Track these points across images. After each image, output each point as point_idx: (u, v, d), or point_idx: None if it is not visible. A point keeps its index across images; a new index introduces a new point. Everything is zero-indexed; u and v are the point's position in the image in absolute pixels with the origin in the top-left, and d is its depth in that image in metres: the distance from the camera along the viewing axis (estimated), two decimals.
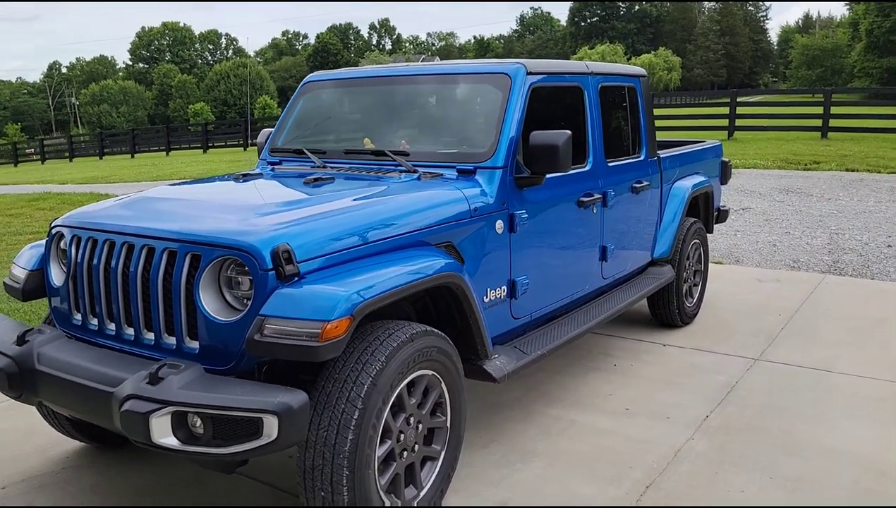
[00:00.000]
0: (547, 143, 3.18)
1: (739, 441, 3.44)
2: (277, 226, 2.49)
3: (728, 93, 19.87)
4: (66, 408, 2.61)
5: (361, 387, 2.36)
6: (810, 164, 13.49)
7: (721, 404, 3.86)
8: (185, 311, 2.47)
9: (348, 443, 2.32)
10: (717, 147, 5.83)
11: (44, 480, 3.20)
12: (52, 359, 2.58)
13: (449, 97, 3.68)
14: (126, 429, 2.27)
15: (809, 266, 6.79)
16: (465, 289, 2.84)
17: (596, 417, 3.73)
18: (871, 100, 30.12)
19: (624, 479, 3.12)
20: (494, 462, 3.28)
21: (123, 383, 2.31)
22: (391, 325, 2.58)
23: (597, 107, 3.99)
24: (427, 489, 2.74)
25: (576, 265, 3.88)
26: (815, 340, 4.80)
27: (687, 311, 5.12)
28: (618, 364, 4.46)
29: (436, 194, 3.05)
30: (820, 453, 3.30)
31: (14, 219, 11.59)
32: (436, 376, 2.73)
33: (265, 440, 2.18)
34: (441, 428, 2.83)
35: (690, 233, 5.06)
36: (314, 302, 2.30)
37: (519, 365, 3.21)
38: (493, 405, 3.87)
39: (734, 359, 4.50)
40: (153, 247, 2.55)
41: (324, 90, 4.13)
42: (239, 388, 2.25)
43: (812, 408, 3.78)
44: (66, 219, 2.92)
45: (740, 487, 3.04)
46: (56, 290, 2.91)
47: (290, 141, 4.02)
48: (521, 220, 3.33)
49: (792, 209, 9.55)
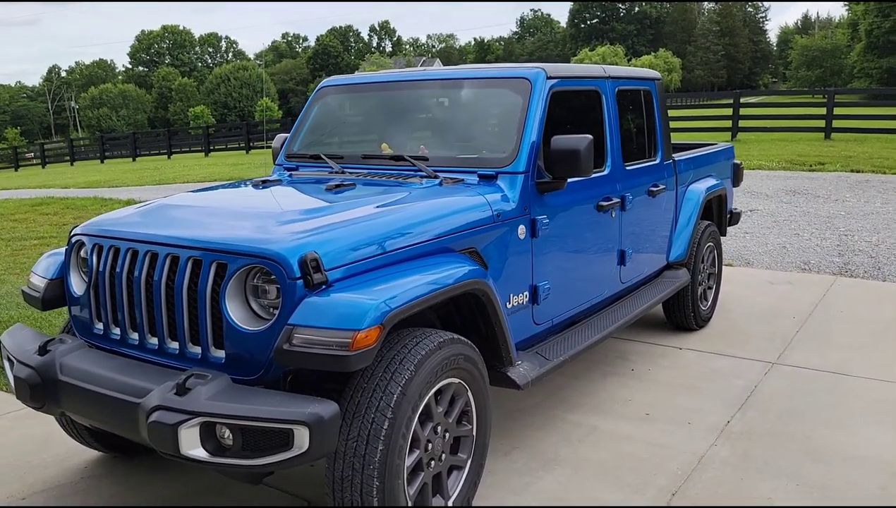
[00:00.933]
0: (569, 148, 3.16)
1: (762, 447, 3.41)
2: (304, 233, 2.47)
3: (731, 94, 19.86)
4: (89, 419, 2.58)
5: (391, 397, 2.34)
6: (815, 165, 13.46)
7: (741, 409, 3.83)
8: (211, 321, 2.45)
9: (378, 454, 2.30)
10: (729, 149, 5.81)
11: (63, 490, 3.17)
12: (75, 370, 2.55)
13: (468, 102, 3.66)
14: (153, 441, 2.24)
15: (820, 268, 6.76)
16: (491, 296, 2.81)
17: (616, 423, 3.70)
18: (873, 100, 30.12)
19: (649, 487, 3.09)
20: (517, 470, 3.25)
21: (150, 394, 2.28)
22: (419, 333, 2.55)
23: (614, 110, 3.97)
24: (454, 498, 2.72)
25: (595, 269, 3.86)
26: (830, 343, 4.77)
27: (702, 314, 5.10)
28: (635, 368, 4.44)
29: (459, 200, 3.02)
30: (844, 459, 3.28)
31: (18, 225, 11.55)
32: (462, 384, 2.71)
33: (296, 451, 2.15)
34: (467, 437, 2.80)
35: (705, 236, 5.04)
36: (344, 311, 2.27)
37: (542, 371, 3.19)
38: (513, 411, 3.84)
39: (751, 363, 4.47)
40: (177, 255, 2.52)
41: (339, 95, 4.11)
42: (268, 399, 2.22)
43: (832, 413, 3.75)
44: (87, 227, 2.89)
45: (767, 494, 3.01)
46: (77, 299, 2.89)
47: (306, 146, 3.99)
48: (542, 225, 3.30)
49: (800, 210, 9.53)
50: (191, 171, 20.81)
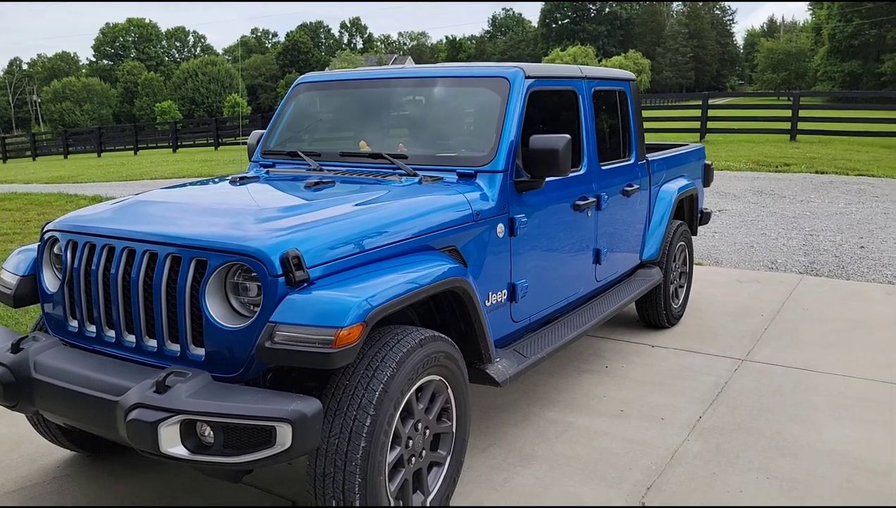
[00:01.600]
0: (547, 147, 3.19)
1: (733, 442, 3.48)
2: (285, 231, 2.46)
3: (699, 96, 20.17)
4: (65, 418, 2.54)
5: (373, 394, 2.34)
6: (781, 166, 13.76)
7: (713, 405, 3.91)
8: (191, 318, 2.43)
9: (360, 451, 2.30)
10: (700, 150, 5.91)
11: (34, 491, 3.11)
12: (49, 368, 2.51)
13: (446, 100, 3.67)
14: (132, 439, 2.21)
15: (787, 267, 6.92)
16: (471, 294, 2.83)
17: (591, 419, 3.75)
18: (836, 103, 30.84)
19: (624, 481, 3.14)
20: (495, 466, 3.28)
21: (128, 392, 2.26)
22: (400, 331, 2.56)
23: (590, 110, 4.02)
24: (434, 494, 2.73)
25: (571, 268, 3.90)
26: (797, 341, 4.89)
27: (673, 312, 5.18)
28: (609, 365, 4.50)
29: (439, 198, 3.04)
30: (812, 453, 3.37)
31: None
32: (443, 381, 2.72)
33: (278, 448, 2.15)
34: (447, 433, 2.82)
35: (677, 236, 5.12)
36: (326, 309, 2.27)
37: (520, 368, 3.22)
38: (490, 408, 3.87)
39: (721, 360, 4.56)
40: (156, 252, 2.49)
41: (316, 92, 4.09)
42: (250, 396, 2.21)
43: (799, 408, 3.85)
44: (61, 223, 2.84)
45: (738, 487, 3.08)
46: (50, 296, 2.84)
47: (282, 143, 3.97)
48: (520, 224, 3.33)
49: (767, 211, 9.73)
50: (159, 167, 20.49)
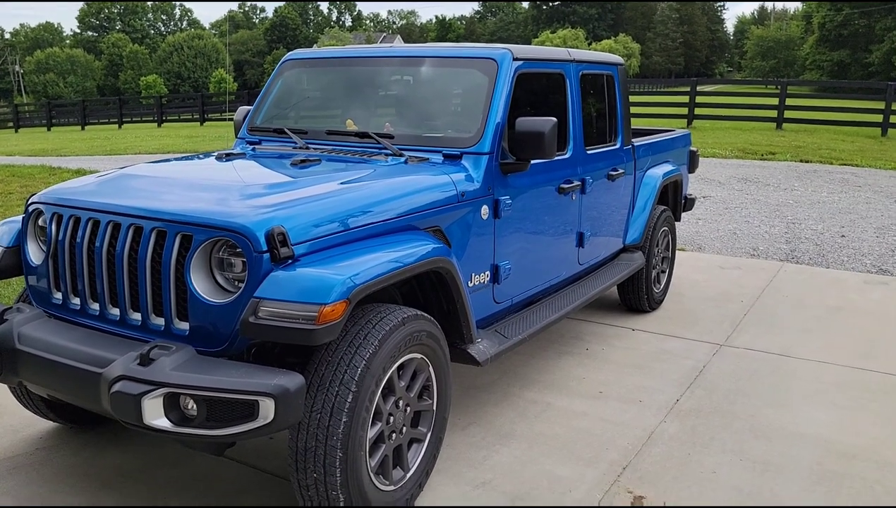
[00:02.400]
0: (533, 130, 3.21)
1: (709, 425, 3.56)
2: (271, 207, 2.47)
3: (688, 82, 20.23)
4: (48, 389, 2.55)
5: (355, 370, 2.37)
6: (766, 155, 13.86)
7: (690, 388, 3.98)
8: (175, 293, 2.44)
9: (342, 426, 2.34)
10: (686, 136, 5.95)
11: (17, 462, 3.13)
12: (33, 339, 2.52)
13: (434, 80, 3.67)
14: (116, 411, 2.24)
15: (768, 254, 7.01)
16: (455, 274, 2.87)
17: (570, 400, 3.81)
18: (823, 92, 31.03)
19: (600, 461, 3.21)
20: (475, 444, 3.33)
21: (112, 364, 2.28)
22: (383, 309, 2.59)
23: (577, 94, 4.04)
24: (413, 470, 2.78)
25: (555, 251, 3.94)
26: (776, 326, 4.98)
27: (655, 297, 5.25)
28: (590, 348, 4.56)
29: (424, 178, 3.05)
30: (785, 436, 3.45)
31: None
32: (424, 359, 2.76)
33: (261, 422, 2.18)
34: (427, 411, 2.86)
35: (660, 221, 5.17)
36: (310, 286, 2.29)
37: (501, 348, 3.26)
38: (471, 387, 3.92)
39: (701, 345, 4.64)
40: (141, 226, 2.50)
41: (304, 69, 4.08)
42: (233, 370, 2.24)
43: (775, 393, 3.93)
44: (45, 195, 2.83)
45: (712, 468, 3.16)
46: (34, 269, 2.84)
47: (269, 120, 3.96)
48: (505, 206, 3.36)
49: (750, 198, 9.82)
50: (143, 142, 20.28)
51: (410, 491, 2.75)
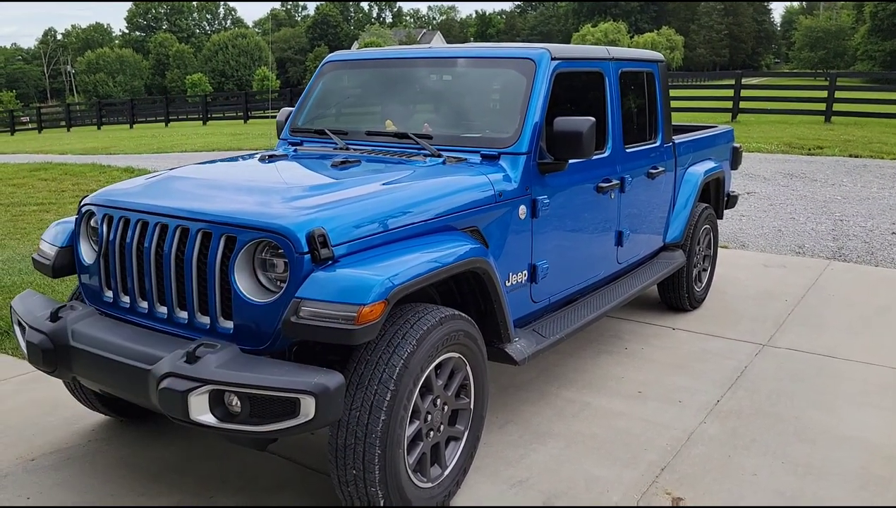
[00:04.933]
0: (571, 130, 3.21)
1: (750, 426, 3.51)
2: (312, 209, 2.53)
3: (732, 75, 19.80)
4: (100, 384, 2.66)
5: (394, 370, 2.42)
6: (814, 149, 13.50)
7: (731, 388, 3.93)
8: (220, 292, 2.51)
9: (380, 423, 2.38)
10: (729, 132, 5.85)
11: (71, 453, 3.26)
12: (86, 336, 2.63)
13: (472, 81, 3.70)
14: (163, 406, 2.32)
15: (814, 252, 6.85)
16: (492, 274, 2.89)
17: (609, 400, 3.80)
18: (875, 84, 30.05)
19: (639, 462, 3.20)
20: (512, 443, 3.35)
21: (160, 361, 2.36)
22: (421, 309, 2.63)
23: (616, 92, 4.01)
24: (451, 468, 2.81)
25: (593, 250, 3.93)
26: (821, 326, 4.87)
27: (696, 296, 5.19)
28: (629, 347, 4.53)
29: (462, 179, 3.08)
30: (829, 439, 3.38)
31: (17, 190, 11.56)
32: (462, 359, 2.79)
33: (302, 419, 2.24)
34: (465, 410, 2.89)
35: (702, 219, 5.11)
36: (350, 286, 2.34)
37: (539, 348, 3.27)
38: (508, 387, 3.94)
39: (743, 345, 4.57)
40: (187, 227, 2.58)
41: (344, 70, 4.14)
42: (275, 368, 2.30)
43: (820, 394, 3.86)
44: (97, 197, 2.94)
45: (752, 471, 3.12)
46: (86, 268, 2.95)
47: (310, 121, 4.03)
48: (543, 206, 3.37)
49: (797, 194, 9.60)
50: (189, 140, 20.74)
51: (448, 489, 2.78)
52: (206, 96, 31.95)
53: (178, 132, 25.31)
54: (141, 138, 23.06)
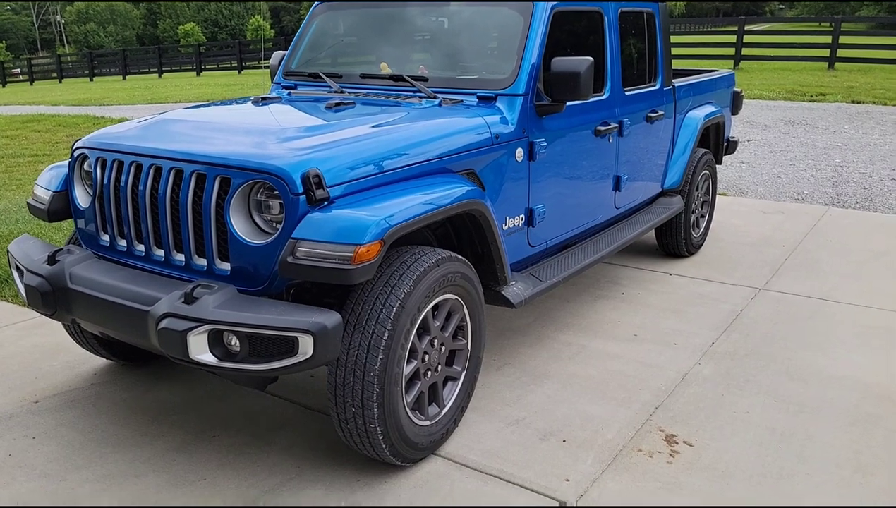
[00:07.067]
0: (569, 70, 3.16)
1: (744, 367, 3.56)
2: (306, 150, 2.50)
3: (735, 21, 19.42)
4: (99, 326, 2.67)
5: (391, 310, 2.43)
6: (816, 96, 13.36)
7: (726, 331, 3.97)
8: (216, 234, 2.51)
9: (378, 362, 2.41)
10: (730, 76, 5.77)
11: (74, 395, 3.31)
12: (84, 279, 2.63)
13: (468, 21, 3.62)
14: (164, 346, 2.34)
15: (813, 198, 6.84)
16: (488, 217, 2.88)
17: (605, 343, 3.84)
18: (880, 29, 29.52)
19: (633, 401, 3.25)
20: (508, 384, 3.40)
21: (159, 302, 2.37)
22: (417, 250, 2.63)
23: (616, 33, 3.94)
24: (448, 407, 2.86)
25: (590, 194, 3.91)
26: (817, 271, 4.89)
27: (693, 242, 5.19)
28: (626, 292, 4.56)
29: (458, 121, 3.04)
30: (822, 378, 3.43)
31: (11, 141, 11.46)
32: (458, 300, 2.81)
33: (300, 357, 2.26)
34: (462, 350, 2.92)
35: (700, 164, 5.08)
36: (346, 226, 2.33)
37: (535, 291, 3.29)
38: (506, 330, 3.97)
39: (739, 289, 4.60)
40: (181, 169, 2.56)
41: (337, 12, 4.05)
42: (273, 308, 2.31)
43: (814, 336, 3.90)
44: (90, 140, 2.91)
45: (745, 409, 3.17)
46: (82, 212, 2.94)
47: (304, 64, 3.97)
48: (540, 148, 3.34)
49: (797, 141, 9.53)
50: (183, 91, 20.46)
51: (446, 427, 2.83)
52: (200, 46, 31.32)
53: (171, 83, 24.96)
54: (134, 89, 22.74)
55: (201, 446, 2.90)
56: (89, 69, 32.49)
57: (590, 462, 2.78)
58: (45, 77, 35.05)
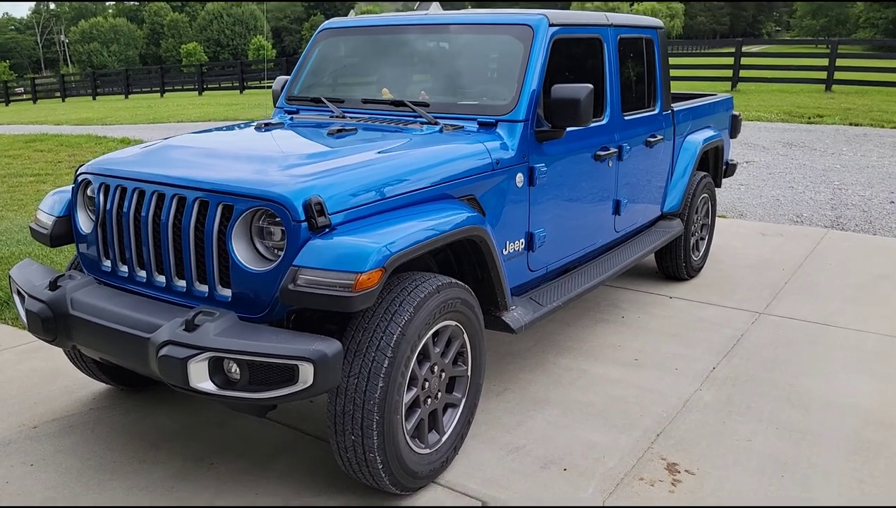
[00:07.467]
0: (569, 97, 3.18)
1: (745, 393, 3.55)
2: (308, 177, 2.52)
3: (733, 43, 19.59)
4: (100, 352, 2.67)
5: (391, 337, 2.43)
6: (814, 118, 13.43)
7: (727, 356, 3.96)
8: (218, 261, 2.52)
9: (378, 390, 2.40)
10: (728, 100, 5.82)
11: (72, 420, 3.29)
12: (85, 305, 2.63)
13: (469, 48, 3.65)
14: (163, 374, 2.33)
15: (813, 221, 6.86)
16: (489, 242, 2.89)
17: (606, 367, 3.83)
18: (876, 52, 29.78)
19: (634, 428, 3.23)
20: (509, 410, 3.39)
21: (160, 329, 2.37)
22: (418, 277, 2.63)
23: (615, 59, 3.97)
24: (448, 434, 2.84)
25: (590, 218, 3.93)
26: (817, 295, 4.89)
27: (693, 265, 5.20)
28: (626, 316, 4.56)
29: (459, 147, 3.06)
30: (823, 405, 3.42)
31: (13, 161, 11.50)
32: (459, 326, 2.80)
33: (300, 386, 2.25)
34: (462, 377, 2.91)
35: (700, 188, 5.10)
36: (347, 254, 2.34)
37: (536, 316, 3.29)
38: (506, 354, 3.97)
39: (739, 313, 4.59)
40: (184, 196, 2.57)
41: (340, 38, 4.09)
42: (274, 336, 2.31)
43: (815, 361, 3.89)
44: (93, 166, 2.93)
45: (747, 436, 3.16)
46: (84, 237, 2.95)
47: (306, 89, 4.00)
48: (540, 173, 3.36)
49: (796, 163, 9.57)
50: (185, 110, 20.58)
51: (446, 455, 2.82)
52: (202, 66, 31.57)
53: (173, 102, 25.10)
54: (136, 109, 22.87)
55: (199, 473, 2.88)
56: (92, 88, 32.72)
57: (591, 492, 2.77)
58: (48, 96, 35.27)
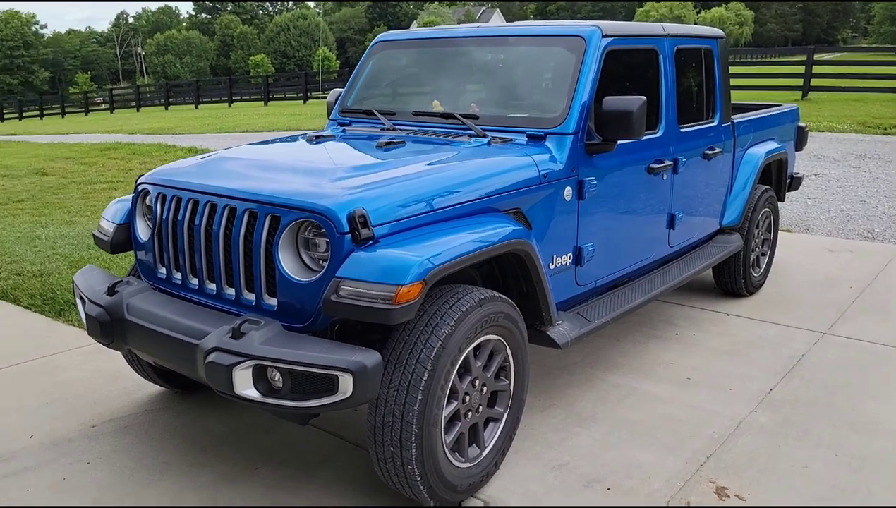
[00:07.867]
0: (621, 109, 3.13)
1: (804, 416, 3.40)
2: (353, 190, 2.55)
3: (804, 51, 18.90)
4: (152, 356, 2.77)
5: (431, 350, 2.43)
6: (890, 129, 12.82)
7: (786, 377, 3.81)
8: (265, 270, 2.57)
9: (417, 403, 2.40)
10: (794, 111, 5.62)
11: (128, 421, 3.42)
12: (140, 310, 2.73)
13: (521, 60, 3.64)
14: (210, 379, 2.40)
15: (885, 237, 6.54)
16: (533, 257, 2.86)
17: (656, 385, 3.74)
18: None
19: (684, 449, 3.14)
20: (553, 426, 3.34)
21: (207, 336, 2.44)
22: (460, 290, 2.63)
23: (671, 70, 3.89)
24: (489, 449, 2.82)
25: (642, 232, 3.85)
26: (887, 316, 4.66)
27: (753, 281, 5.03)
28: (679, 332, 4.44)
29: (506, 160, 3.05)
30: (887, 432, 3.25)
31: (88, 168, 12.06)
32: (501, 341, 2.79)
33: (340, 396, 2.28)
34: (504, 391, 2.89)
35: (761, 202, 4.93)
36: (388, 266, 2.36)
37: (582, 332, 3.24)
38: (553, 369, 3.92)
39: (801, 332, 4.41)
40: (235, 207, 2.64)
41: (394, 50, 4.14)
42: (316, 346, 2.34)
43: (881, 386, 3.70)
44: (151, 176, 3.04)
45: (804, 462, 3.02)
46: (142, 245, 3.06)
47: (359, 101, 4.06)
48: (589, 187, 3.31)
49: (868, 176, 9.15)
50: (250, 120, 21.18)
51: (486, 469, 2.80)
52: (268, 77, 32.50)
53: (240, 112, 25.88)
54: (205, 118, 23.67)
55: (245, 477, 2.94)
56: (165, 98, 34.08)
57: None
58: (124, 106, 36.90)
